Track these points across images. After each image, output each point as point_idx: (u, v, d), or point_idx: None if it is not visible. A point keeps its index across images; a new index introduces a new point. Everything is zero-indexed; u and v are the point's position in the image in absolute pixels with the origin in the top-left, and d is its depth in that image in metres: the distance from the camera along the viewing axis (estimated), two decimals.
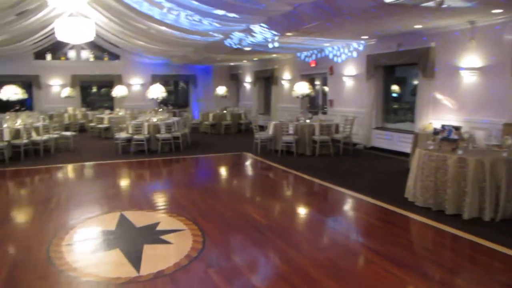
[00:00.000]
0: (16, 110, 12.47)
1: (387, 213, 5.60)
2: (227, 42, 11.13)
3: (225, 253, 4.25)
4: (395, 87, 11.22)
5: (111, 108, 17.24)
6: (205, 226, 5.00)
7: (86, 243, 4.61)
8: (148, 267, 3.84)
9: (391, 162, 9.23)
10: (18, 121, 10.71)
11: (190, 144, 12.13)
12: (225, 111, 15.75)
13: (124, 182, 8.16)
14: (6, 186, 7.83)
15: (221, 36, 10.70)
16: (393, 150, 10.06)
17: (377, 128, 10.79)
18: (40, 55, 17.10)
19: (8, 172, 8.66)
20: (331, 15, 7.03)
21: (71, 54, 18.00)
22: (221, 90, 17.26)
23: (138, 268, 3.81)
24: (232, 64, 19.08)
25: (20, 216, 5.93)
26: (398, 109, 11.30)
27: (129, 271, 3.76)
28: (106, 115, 14.73)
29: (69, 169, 9.21)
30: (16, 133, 10.08)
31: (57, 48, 17.09)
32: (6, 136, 9.78)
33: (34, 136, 10.52)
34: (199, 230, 4.85)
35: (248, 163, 9.88)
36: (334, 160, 9.55)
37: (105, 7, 10.15)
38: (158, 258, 4.06)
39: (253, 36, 9.83)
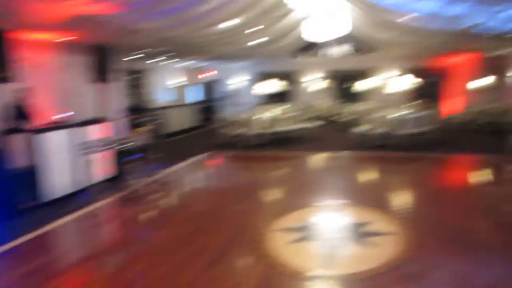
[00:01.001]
0: (272, 102, 14.18)
1: None
2: (485, 27, 9.57)
3: (432, 270, 3.71)
4: None
5: (362, 101, 17.49)
6: (420, 234, 4.50)
7: (294, 230, 4.81)
8: (340, 266, 3.75)
9: None
10: (271, 112, 12.17)
11: (435, 142, 11.07)
12: (483, 108, 13.74)
13: (351, 176, 8.14)
14: (250, 169, 9.19)
15: (480, 20, 9.29)
16: None
17: None
18: (297, 52, 18.83)
19: (255, 157, 10.07)
20: None
21: (327, 50, 19.07)
22: (480, 82, 15.10)
23: (329, 265, 3.77)
24: (494, 52, 16.36)
25: (254, 196, 6.70)
26: None
27: (319, 267, 3.76)
28: (353, 107, 15.08)
29: (306, 158, 9.88)
30: (267, 123, 11.50)
31: (312, 45, 18.42)
32: (258, 125, 11.29)
33: (283, 126, 11.71)
34: (410, 237, 4.41)
35: (496, 167, 8.33)
36: None
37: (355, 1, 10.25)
38: (354, 259, 3.92)
39: None
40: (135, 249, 4.55)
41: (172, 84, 17.37)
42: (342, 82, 19.16)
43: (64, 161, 6.55)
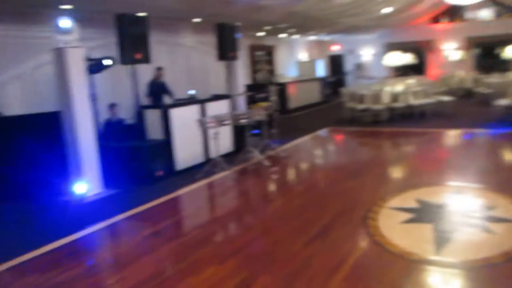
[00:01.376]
0: (402, 75, 13.32)
1: None
2: None
3: None
4: None
5: (509, 70, 15.30)
6: None
7: (408, 210, 4.55)
8: (451, 252, 3.48)
9: None
10: (400, 85, 11.46)
11: None
12: None
13: (485, 156, 7.21)
14: (372, 145, 8.97)
15: None
16: None
17: None
18: (437, 17, 17.20)
19: (379, 133, 9.72)
20: None
21: (469, 14, 17.08)
22: None
23: (439, 250, 3.52)
24: None
25: (371, 173, 6.46)
26: None
27: (428, 250, 3.53)
28: (497, 77, 13.31)
29: (436, 135, 9.13)
30: (396, 97, 10.88)
31: (453, 10, 16.68)
32: (386, 99, 10.75)
33: (412, 100, 10.94)
34: None
35: None
36: None
37: None
38: (468, 246, 3.60)
39: None
40: (248, 218, 4.86)
41: (297, 59, 17.49)
42: (485, 49, 17.03)
43: (192, 135, 7.18)
